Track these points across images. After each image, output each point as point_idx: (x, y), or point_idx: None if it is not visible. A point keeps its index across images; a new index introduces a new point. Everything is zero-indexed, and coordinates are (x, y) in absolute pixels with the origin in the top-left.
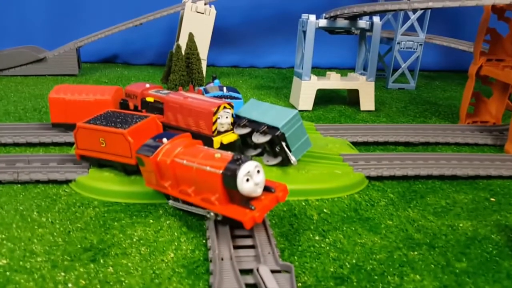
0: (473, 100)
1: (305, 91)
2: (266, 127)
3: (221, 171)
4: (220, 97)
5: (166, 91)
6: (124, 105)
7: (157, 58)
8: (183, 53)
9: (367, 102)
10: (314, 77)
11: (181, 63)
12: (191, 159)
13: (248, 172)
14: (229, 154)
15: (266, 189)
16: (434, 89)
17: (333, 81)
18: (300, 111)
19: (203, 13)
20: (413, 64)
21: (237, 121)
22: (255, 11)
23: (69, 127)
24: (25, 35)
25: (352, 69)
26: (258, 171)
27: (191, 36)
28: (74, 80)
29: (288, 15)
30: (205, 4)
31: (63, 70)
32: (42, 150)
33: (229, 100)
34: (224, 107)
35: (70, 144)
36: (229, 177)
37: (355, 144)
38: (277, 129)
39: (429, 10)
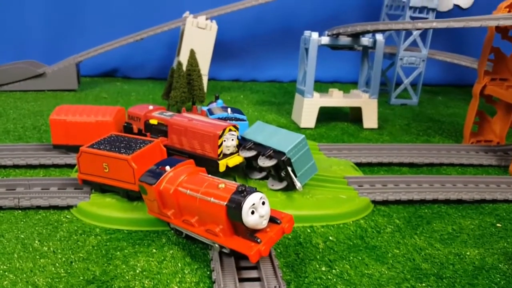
0: (477, 119)
1: (308, 108)
2: (272, 151)
3: (225, 203)
4: (225, 118)
5: (170, 113)
6: (128, 128)
7: (157, 72)
8: (184, 69)
9: (370, 119)
10: (316, 95)
11: (182, 80)
12: (194, 189)
13: (253, 204)
14: (233, 185)
15: (272, 220)
16: (437, 105)
17: (336, 99)
18: (302, 128)
19: (204, 28)
20: (415, 80)
21: (243, 143)
22: (257, 26)
23: (70, 149)
24: (23, 49)
25: (354, 83)
26: (263, 203)
27: (192, 52)
28: (73, 95)
29: (289, 30)
30: (206, 19)
31: (62, 85)
32: (42, 172)
33: (234, 122)
34: (230, 130)
35: (71, 166)
36: (234, 209)
37: (359, 165)
38: (283, 153)
39: None
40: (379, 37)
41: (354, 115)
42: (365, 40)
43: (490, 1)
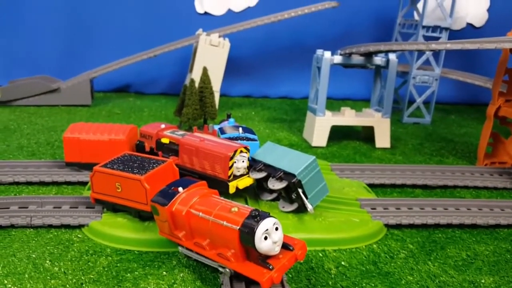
0: (491, 140)
1: (320, 127)
2: (282, 173)
3: (238, 227)
4: (236, 138)
5: (181, 132)
6: (140, 146)
7: (170, 88)
8: (197, 87)
9: (383, 139)
10: (328, 113)
11: (194, 97)
12: (207, 211)
13: (267, 230)
14: (246, 209)
15: (284, 246)
16: (450, 124)
17: (348, 118)
18: (314, 147)
19: (217, 46)
20: (428, 98)
21: (253, 164)
22: (268, 42)
23: (82, 166)
24: (38, 65)
25: (366, 101)
26: (277, 228)
27: (205, 70)
28: (87, 110)
29: (301, 47)
30: (219, 36)
31: (76, 101)
32: (54, 189)
33: (245, 143)
34: (241, 151)
35: (83, 184)
36: (247, 234)
37: (372, 186)
38: (293, 176)
39: (446, 40)
40: (392, 56)
41: (366, 134)
42: (378, 60)
43: (504, 20)
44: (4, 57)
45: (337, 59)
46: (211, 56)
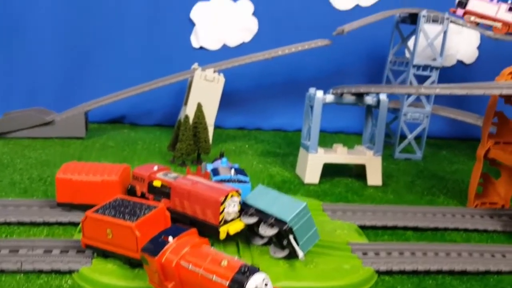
0: (481, 180)
1: (312, 164)
2: (273, 219)
3: (227, 283)
4: (228, 180)
5: (174, 175)
6: (131, 191)
7: (164, 119)
8: (191, 122)
9: (374, 177)
10: (321, 150)
11: (188, 132)
12: (196, 264)
13: (256, 286)
14: (236, 262)
15: None
16: (441, 161)
17: (340, 155)
18: (306, 184)
19: (212, 81)
20: (419, 133)
21: (245, 209)
22: (263, 77)
23: (74, 206)
24: (34, 96)
25: (359, 134)
26: (266, 284)
27: (199, 106)
28: (81, 143)
29: (295, 81)
30: (214, 72)
31: (70, 133)
32: (46, 230)
33: (236, 186)
34: (232, 196)
35: (75, 224)
36: None
37: (364, 227)
38: (284, 222)
39: (436, 80)
40: (383, 96)
41: (358, 170)
42: (369, 99)
43: (493, 57)
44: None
45: (329, 98)
46: (206, 91)
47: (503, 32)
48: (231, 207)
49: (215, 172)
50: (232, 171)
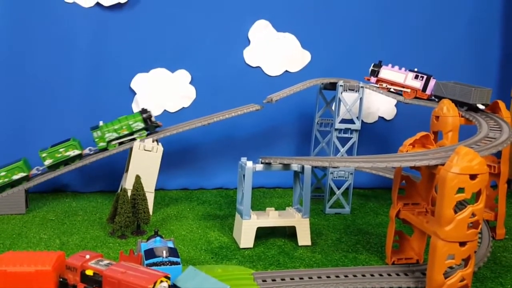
0: (397, 238)
1: (246, 230)
2: None
3: None
4: (160, 263)
5: (106, 262)
6: (63, 284)
7: (106, 185)
8: (129, 195)
9: (304, 237)
10: (254, 216)
11: (127, 205)
12: None
13: None
14: None
15: None
16: (367, 214)
17: (272, 219)
18: (242, 248)
19: (150, 151)
20: (347, 187)
21: None
22: (202, 139)
23: None
24: None
25: None
26: None
27: (137, 178)
28: (20, 218)
29: (233, 140)
30: (152, 141)
31: (9, 210)
32: None
33: (167, 269)
34: (161, 281)
35: None
36: None
37: None
38: None
39: (357, 140)
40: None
41: (290, 230)
42: (295, 166)
43: (409, 113)
44: None
45: (259, 167)
46: (145, 160)
47: (411, 97)
48: None
49: (148, 253)
50: (164, 252)
